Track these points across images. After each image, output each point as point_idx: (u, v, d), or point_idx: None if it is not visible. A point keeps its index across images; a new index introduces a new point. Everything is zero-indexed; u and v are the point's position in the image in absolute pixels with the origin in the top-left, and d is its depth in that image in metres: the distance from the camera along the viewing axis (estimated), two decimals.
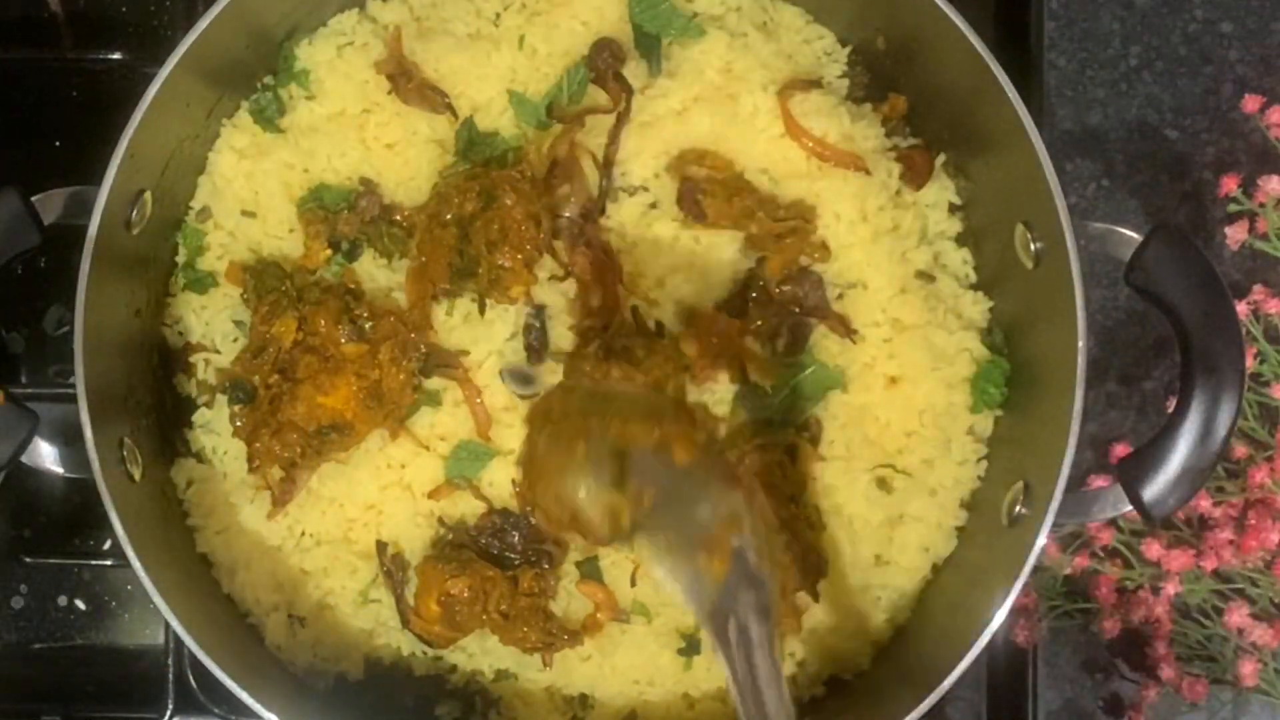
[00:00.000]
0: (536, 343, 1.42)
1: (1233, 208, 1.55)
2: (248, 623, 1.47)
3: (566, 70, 1.46)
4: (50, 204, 1.32)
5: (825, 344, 1.44)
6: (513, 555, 1.42)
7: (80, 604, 1.66)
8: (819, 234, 1.44)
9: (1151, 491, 1.27)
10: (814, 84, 1.47)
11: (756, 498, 1.23)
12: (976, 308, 1.47)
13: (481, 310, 1.42)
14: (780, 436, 1.42)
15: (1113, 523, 1.51)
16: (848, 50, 1.52)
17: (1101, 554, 1.52)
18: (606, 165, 1.44)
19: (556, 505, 1.21)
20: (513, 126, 1.46)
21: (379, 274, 1.45)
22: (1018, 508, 1.36)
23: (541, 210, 1.41)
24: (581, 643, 1.42)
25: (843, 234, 1.44)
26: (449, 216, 1.41)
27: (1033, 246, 1.37)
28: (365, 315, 1.41)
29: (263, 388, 1.39)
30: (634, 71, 1.46)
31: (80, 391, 1.30)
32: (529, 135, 1.46)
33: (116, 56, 1.64)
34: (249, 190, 1.46)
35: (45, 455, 1.34)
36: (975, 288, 1.49)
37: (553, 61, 1.46)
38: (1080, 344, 1.29)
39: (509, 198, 1.40)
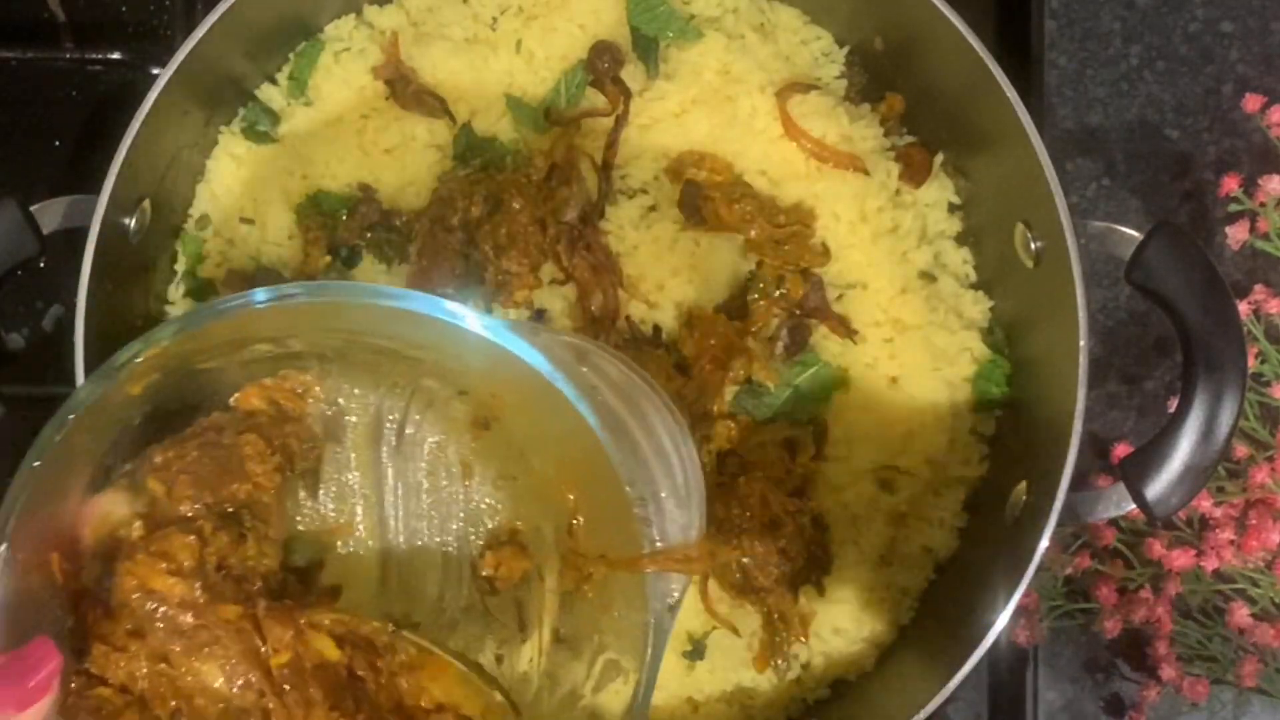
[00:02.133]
0: None
1: (1234, 207, 1.54)
2: None
3: (564, 74, 1.45)
4: (49, 213, 1.32)
5: (826, 345, 1.44)
6: None
7: None
8: (818, 237, 1.44)
9: (1155, 489, 1.27)
10: (812, 85, 1.47)
11: None
12: (977, 307, 1.47)
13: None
14: (777, 431, 1.42)
15: (1114, 523, 1.50)
16: (845, 51, 1.51)
17: (1102, 554, 1.52)
18: (605, 168, 1.44)
19: None
20: (511, 131, 1.46)
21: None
22: (1021, 508, 1.36)
23: (546, 214, 1.41)
24: None
25: (842, 235, 1.44)
26: (454, 221, 1.41)
27: (1033, 246, 1.36)
28: None
29: None
30: (632, 74, 1.45)
31: None
32: (527, 140, 1.45)
33: (116, 57, 1.63)
34: (247, 197, 1.46)
35: None
36: (975, 287, 1.48)
37: (550, 65, 1.46)
38: (1082, 343, 1.29)
39: (516, 202, 1.39)
